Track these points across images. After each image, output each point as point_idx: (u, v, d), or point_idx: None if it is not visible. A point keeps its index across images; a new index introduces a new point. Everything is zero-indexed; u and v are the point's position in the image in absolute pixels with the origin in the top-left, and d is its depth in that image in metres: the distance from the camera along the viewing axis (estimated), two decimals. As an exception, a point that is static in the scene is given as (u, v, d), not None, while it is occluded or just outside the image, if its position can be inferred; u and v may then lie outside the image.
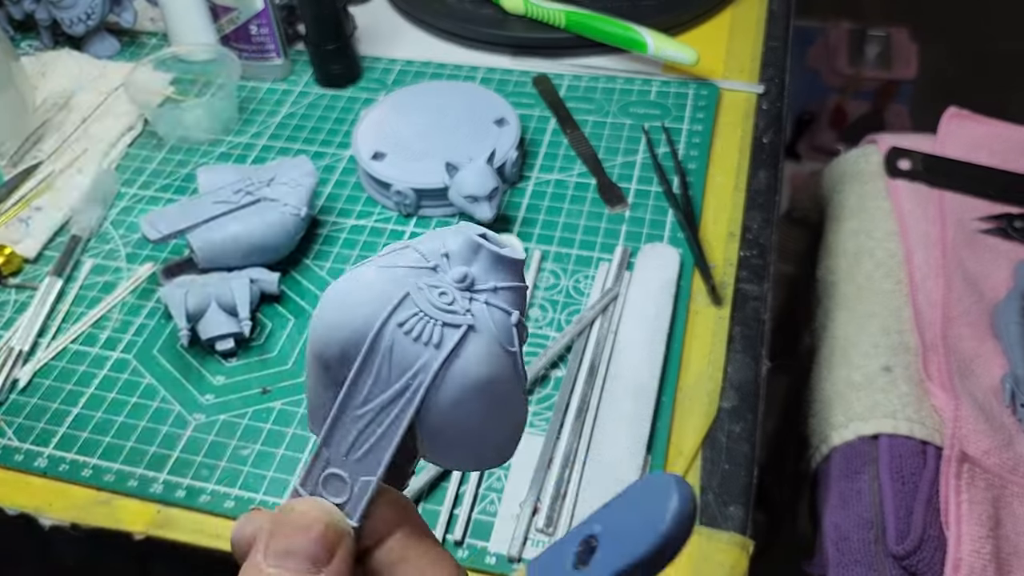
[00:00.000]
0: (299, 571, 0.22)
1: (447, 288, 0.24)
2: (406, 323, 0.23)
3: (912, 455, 0.51)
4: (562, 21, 0.71)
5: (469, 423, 0.24)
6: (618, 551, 0.17)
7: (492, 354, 0.24)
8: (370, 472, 0.24)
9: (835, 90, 1.42)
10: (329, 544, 0.23)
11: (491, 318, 0.24)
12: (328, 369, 0.24)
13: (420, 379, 0.23)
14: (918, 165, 0.67)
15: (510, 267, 0.25)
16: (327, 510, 0.23)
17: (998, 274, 0.61)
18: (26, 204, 0.62)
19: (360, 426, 0.24)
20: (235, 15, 0.68)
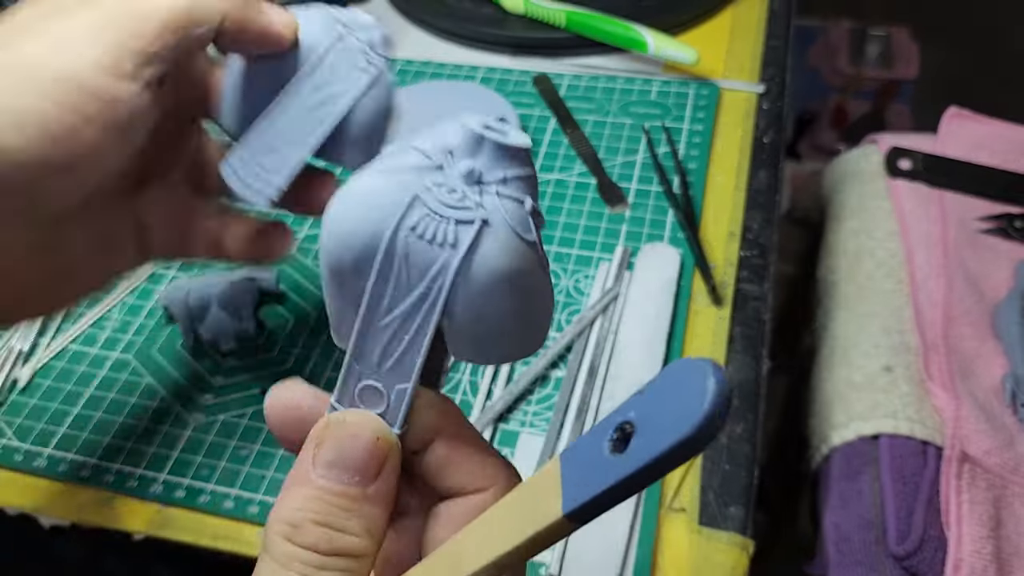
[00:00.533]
0: (349, 483, 0.22)
1: (455, 185, 0.23)
2: (418, 226, 0.22)
3: (913, 455, 0.51)
4: (562, 21, 0.71)
5: (496, 318, 0.23)
6: (656, 435, 0.17)
7: (510, 245, 0.23)
8: (404, 379, 0.24)
9: (836, 90, 1.42)
10: (379, 455, 0.23)
11: (504, 209, 0.23)
12: (344, 284, 0.24)
13: (440, 281, 0.23)
14: (919, 165, 0.67)
15: (517, 156, 0.24)
16: (376, 421, 0.23)
17: (999, 274, 0.61)
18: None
19: (387, 336, 0.23)
20: (235, 15, 0.68)
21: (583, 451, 0.19)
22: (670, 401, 0.17)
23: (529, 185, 0.24)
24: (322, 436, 0.23)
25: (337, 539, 0.22)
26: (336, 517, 0.22)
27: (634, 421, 0.18)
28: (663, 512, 0.43)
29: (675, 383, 0.17)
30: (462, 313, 0.23)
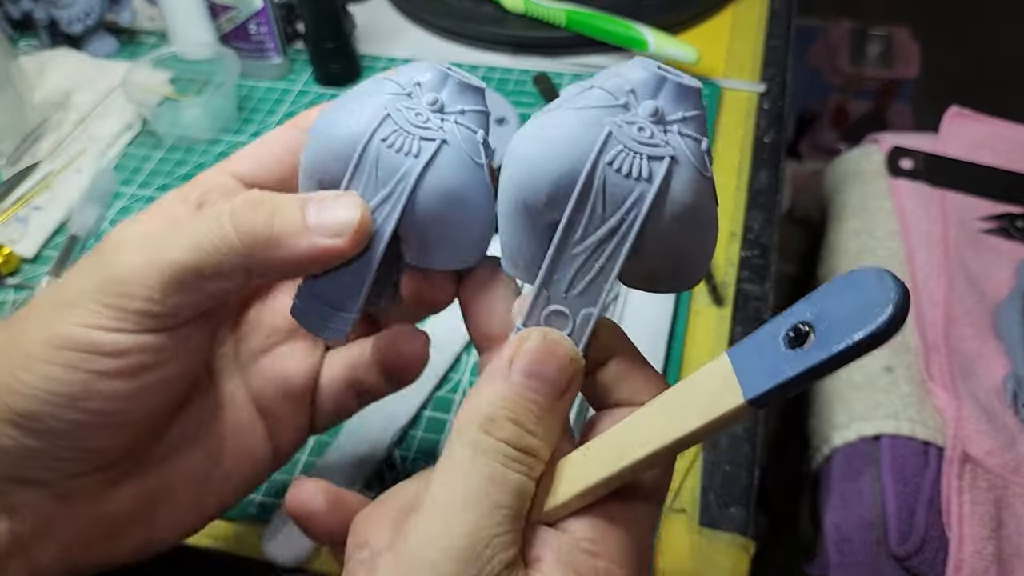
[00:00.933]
0: (545, 395, 0.24)
1: (643, 123, 0.24)
2: (614, 160, 0.24)
3: (914, 456, 0.51)
4: (562, 20, 0.71)
5: (678, 249, 0.25)
6: (839, 332, 0.18)
7: (695, 181, 0.24)
8: (591, 304, 0.25)
9: (836, 89, 1.42)
10: (572, 375, 0.25)
11: (686, 147, 0.25)
12: (534, 213, 0.25)
13: (635, 212, 0.24)
14: (920, 164, 0.67)
15: (692, 96, 0.25)
16: (571, 342, 0.25)
17: (1000, 274, 0.61)
18: (24, 203, 0.62)
19: (578, 263, 0.25)
20: (234, 14, 0.68)
21: (755, 349, 0.20)
22: (850, 302, 0.18)
23: (702, 125, 0.26)
24: (522, 346, 0.24)
25: (526, 438, 0.24)
26: (527, 419, 0.24)
27: (811, 321, 0.19)
28: (664, 513, 0.43)
29: (851, 288, 0.19)
30: (652, 242, 0.25)
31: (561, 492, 0.24)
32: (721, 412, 0.21)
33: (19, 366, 0.25)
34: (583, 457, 0.24)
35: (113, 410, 0.26)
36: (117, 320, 0.25)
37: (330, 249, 0.26)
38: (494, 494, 0.23)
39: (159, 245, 0.26)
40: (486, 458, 0.23)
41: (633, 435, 0.23)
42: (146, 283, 0.25)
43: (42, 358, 0.25)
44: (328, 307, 0.28)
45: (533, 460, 0.24)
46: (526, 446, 0.24)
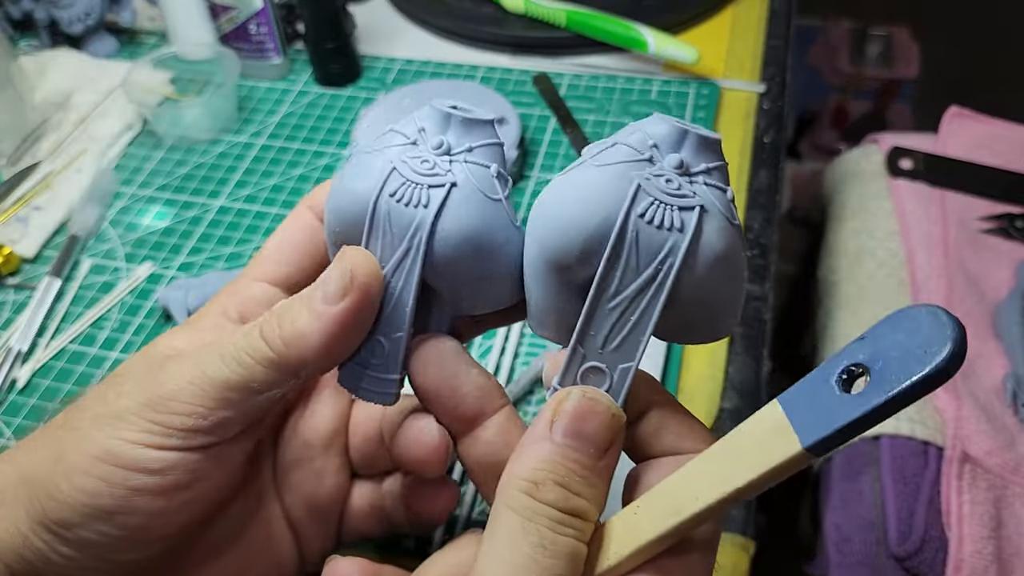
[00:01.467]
0: (589, 454, 0.24)
1: (670, 175, 0.25)
2: (646, 213, 0.24)
3: (914, 456, 0.51)
4: (562, 20, 0.71)
5: (713, 298, 0.25)
6: (896, 373, 0.18)
7: (725, 229, 0.25)
8: (629, 359, 0.25)
9: (836, 89, 1.42)
10: (613, 433, 0.24)
11: (714, 197, 0.25)
12: (564, 272, 0.25)
13: (670, 261, 0.24)
14: (919, 165, 0.67)
15: (714, 147, 0.26)
16: (610, 400, 0.25)
17: (1000, 274, 0.61)
18: (24, 203, 0.62)
19: (614, 318, 0.25)
20: (234, 14, 0.68)
21: (807, 394, 0.20)
22: (905, 343, 0.18)
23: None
24: (561, 406, 0.24)
25: (573, 500, 0.23)
26: (573, 480, 0.23)
27: (865, 363, 0.19)
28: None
29: (904, 327, 0.18)
30: (687, 291, 0.25)
31: (613, 553, 0.24)
32: (778, 462, 0.20)
33: (60, 473, 0.26)
34: (634, 515, 0.24)
35: (147, 525, 0.26)
36: (163, 437, 0.26)
37: (342, 314, 0.25)
38: (544, 560, 0.22)
39: (204, 362, 0.26)
40: (533, 524, 0.23)
41: (685, 489, 0.22)
42: (193, 400, 0.25)
43: (82, 469, 0.25)
44: (372, 372, 0.28)
45: (582, 522, 0.23)
46: (574, 508, 0.23)
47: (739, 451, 0.21)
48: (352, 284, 0.25)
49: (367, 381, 0.28)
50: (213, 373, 0.25)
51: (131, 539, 0.26)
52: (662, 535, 0.23)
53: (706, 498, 0.22)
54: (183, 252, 0.58)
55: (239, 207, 0.61)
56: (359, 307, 0.25)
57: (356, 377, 0.28)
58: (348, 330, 0.26)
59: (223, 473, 0.28)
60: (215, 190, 0.63)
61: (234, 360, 0.26)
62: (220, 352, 0.26)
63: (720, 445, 0.22)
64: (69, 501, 0.25)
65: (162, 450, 0.26)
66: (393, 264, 0.26)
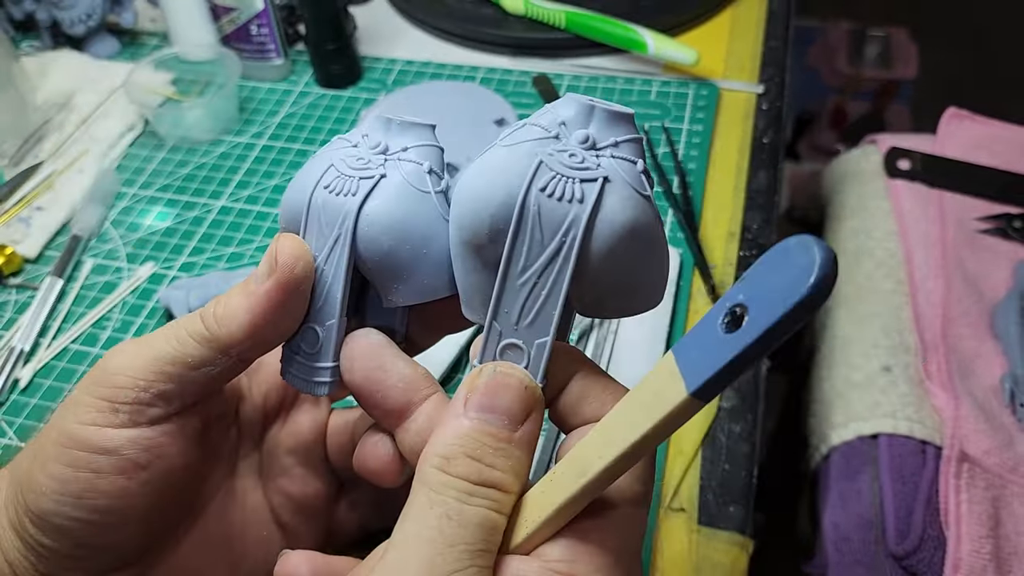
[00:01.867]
0: (501, 427, 0.24)
1: (574, 150, 0.25)
2: (547, 186, 0.24)
3: (912, 455, 0.51)
4: (562, 21, 0.71)
5: (623, 269, 0.25)
6: (769, 306, 0.18)
7: (631, 199, 0.25)
8: (543, 334, 0.25)
9: (835, 90, 1.42)
10: (527, 404, 0.25)
11: (620, 168, 0.25)
12: (480, 251, 0.26)
13: (572, 233, 0.24)
14: (918, 165, 0.67)
15: (624, 121, 0.26)
16: (524, 373, 0.25)
17: (998, 274, 0.61)
18: (27, 204, 0.62)
19: (525, 293, 0.25)
20: (235, 15, 0.68)
21: (695, 339, 0.20)
22: (778, 276, 0.18)
23: (639, 147, 0.26)
24: (474, 383, 0.25)
25: (486, 472, 0.24)
26: (485, 453, 0.24)
27: (744, 302, 0.19)
28: (662, 512, 0.43)
29: (778, 261, 0.18)
30: (593, 263, 0.25)
31: (530, 520, 0.24)
32: (667, 411, 0.20)
33: (37, 466, 0.27)
34: (550, 482, 0.24)
35: (115, 507, 0.27)
36: (111, 414, 0.26)
37: (266, 293, 0.26)
38: (448, 531, 0.23)
39: (147, 340, 0.27)
40: (440, 496, 0.23)
41: (591, 450, 0.22)
42: (134, 373, 0.26)
43: (52, 457, 0.26)
44: (308, 362, 0.28)
45: (497, 493, 0.24)
46: (486, 480, 0.24)
47: (636, 406, 0.21)
48: (276, 264, 0.26)
49: (301, 369, 0.28)
50: (153, 348, 0.27)
51: (101, 523, 0.27)
52: (571, 498, 0.23)
53: (608, 456, 0.22)
54: (185, 252, 0.58)
55: (240, 207, 0.61)
56: (283, 286, 0.26)
57: (292, 365, 0.29)
58: (274, 309, 0.26)
59: (176, 451, 0.28)
60: (216, 191, 0.63)
61: (173, 337, 0.27)
62: (164, 331, 0.27)
63: (622, 403, 0.22)
64: (44, 490, 0.26)
65: (112, 428, 0.26)
66: (325, 252, 0.27)
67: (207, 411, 0.30)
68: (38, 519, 0.26)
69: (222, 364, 0.27)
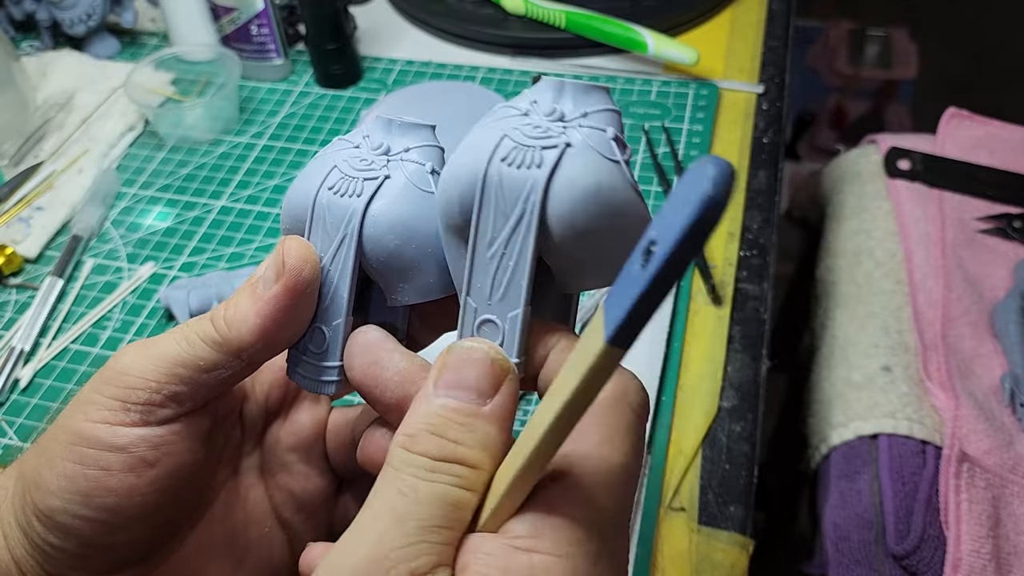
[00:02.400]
0: (467, 401, 0.24)
1: (539, 123, 0.25)
2: (508, 156, 0.24)
3: (912, 455, 0.51)
4: (562, 21, 0.71)
5: (591, 235, 0.25)
6: (669, 235, 0.17)
7: (594, 163, 0.24)
8: (514, 306, 0.25)
9: (835, 90, 1.42)
10: (494, 378, 0.24)
11: (587, 136, 0.25)
12: (458, 231, 0.26)
13: (532, 199, 0.24)
14: (918, 165, 0.67)
15: (596, 93, 0.25)
16: (492, 346, 0.25)
17: (997, 274, 0.61)
18: (27, 204, 0.62)
19: (494, 266, 0.25)
20: (235, 15, 0.68)
21: (618, 285, 0.19)
22: (679, 203, 0.17)
23: (612, 117, 0.25)
24: (443, 361, 0.24)
25: (448, 447, 0.23)
26: (450, 429, 0.23)
27: (654, 237, 0.18)
28: (663, 511, 0.43)
29: (681, 188, 0.17)
30: (556, 231, 0.24)
31: (493, 495, 0.23)
32: (588, 364, 0.19)
33: (43, 464, 0.27)
34: (511, 455, 0.23)
35: (123, 506, 0.27)
36: (122, 413, 0.27)
37: (275, 297, 0.26)
38: (401, 507, 0.22)
39: (157, 341, 0.27)
40: (398, 473, 0.23)
41: (540, 416, 0.22)
42: (146, 375, 0.27)
43: (60, 456, 0.26)
44: (315, 362, 0.28)
45: (462, 468, 0.23)
46: (448, 455, 0.23)
47: (570, 365, 0.21)
48: (284, 268, 0.26)
49: (309, 370, 0.29)
50: (164, 349, 0.27)
51: (109, 522, 0.27)
52: (524, 467, 0.22)
53: (548, 417, 0.21)
54: (185, 252, 0.58)
55: (240, 207, 0.61)
56: (291, 290, 0.26)
57: (299, 366, 0.29)
58: (283, 312, 0.26)
59: (185, 449, 0.28)
60: (217, 191, 0.63)
61: (184, 339, 0.27)
62: (174, 333, 0.27)
63: (565, 363, 0.21)
64: (52, 488, 0.26)
65: (123, 426, 0.27)
66: (331, 253, 0.27)
67: (215, 411, 0.30)
68: (46, 517, 0.26)
69: (233, 367, 0.27)
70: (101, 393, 0.27)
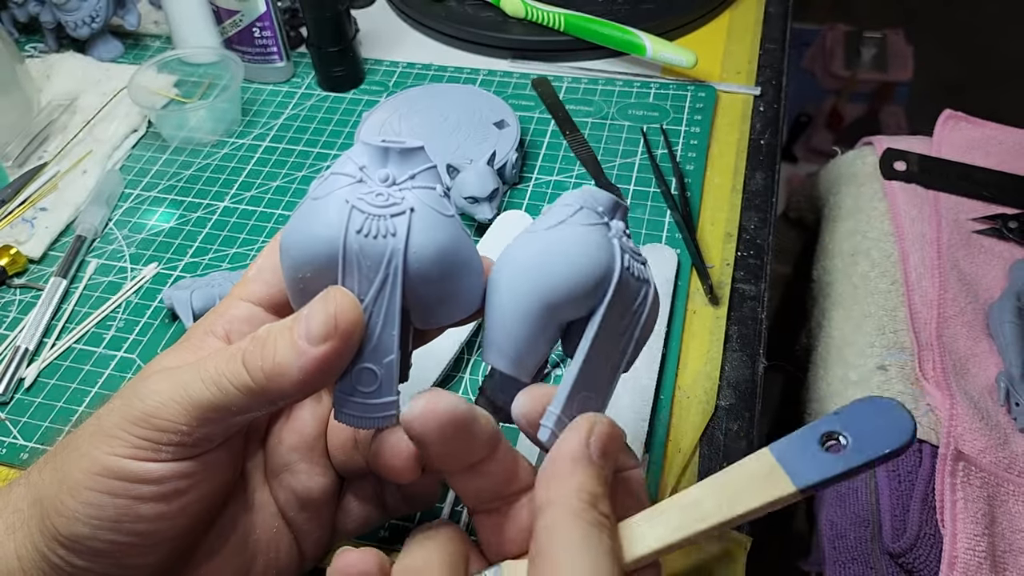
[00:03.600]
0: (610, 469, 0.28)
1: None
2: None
3: (908, 453, 0.52)
4: (561, 24, 0.72)
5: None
6: (868, 445, 0.25)
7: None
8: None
9: (831, 92, 1.43)
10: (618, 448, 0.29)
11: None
12: (557, 313, 0.29)
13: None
14: (913, 166, 0.68)
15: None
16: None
17: (992, 274, 0.61)
18: (31, 204, 0.63)
19: (605, 351, 0.29)
20: (238, 18, 0.68)
21: (794, 448, 0.26)
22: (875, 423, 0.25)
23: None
24: (594, 431, 0.28)
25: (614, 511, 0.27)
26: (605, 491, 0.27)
27: (844, 433, 0.26)
28: (662, 508, 0.44)
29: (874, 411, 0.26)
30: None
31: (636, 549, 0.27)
32: (775, 496, 0.26)
33: (65, 492, 0.27)
34: (647, 524, 0.28)
35: (152, 530, 0.28)
36: (151, 451, 0.27)
37: (323, 355, 0.27)
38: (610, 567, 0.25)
39: (187, 382, 0.27)
40: (604, 535, 0.26)
41: (691, 510, 0.27)
42: (175, 418, 0.27)
43: (85, 485, 0.27)
44: (368, 400, 0.29)
45: None
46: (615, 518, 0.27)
47: (738, 486, 0.26)
48: (336, 330, 0.27)
49: (360, 409, 0.29)
50: (194, 394, 0.27)
51: (140, 544, 0.28)
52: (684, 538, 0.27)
53: (710, 520, 0.26)
54: (188, 253, 0.59)
55: (243, 208, 0.62)
56: (340, 351, 0.27)
57: (347, 406, 0.29)
58: (328, 369, 0.27)
59: (217, 474, 0.29)
60: (219, 192, 0.64)
61: (215, 384, 0.27)
62: (202, 374, 0.27)
63: (720, 478, 0.27)
64: (77, 516, 0.27)
65: (153, 462, 0.27)
66: (373, 295, 0.28)
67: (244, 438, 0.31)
68: (72, 543, 0.27)
69: (263, 410, 0.28)
70: (128, 432, 0.27)
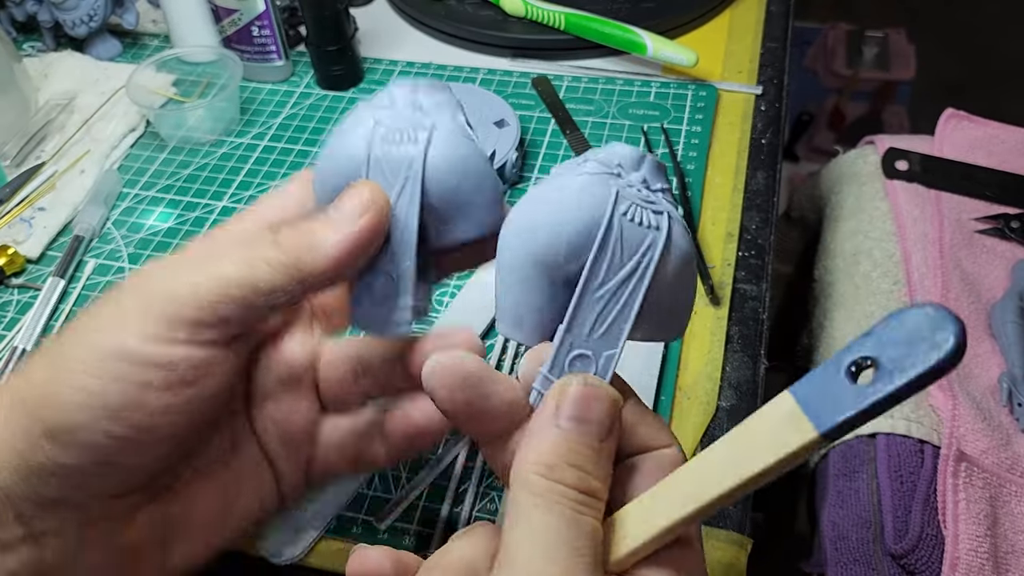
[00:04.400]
0: (595, 437, 0.25)
1: (637, 186, 0.29)
2: (628, 212, 0.28)
3: (910, 454, 0.52)
4: (562, 23, 0.71)
5: (678, 294, 0.29)
6: (899, 368, 0.20)
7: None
8: (612, 346, 0.28)
9: (833, 91, 1.43)
10: (614, 417, 0.26)
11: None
12: (551, 270, 0.28)
13: (650, 255, 0.28)
14: (915, 166, 0.68)
15: (664, 171, 0.30)
16: (612, 388, 0.26)
17: (995, 274, 0.61)
18: (29, 204, 0.62)
19: (600, 307, 0.28)
20: (237, 16, 0.68)
21: (817, 385, 0.22)
22: (910, 338, 0.20)
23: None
24: (565, 392, 0.25)
25: (588, 480, 0.24)
26: (585, 462, 0.24)
27: (873, 356, 0.20)
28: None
29: (910, 324, 0.20)
30: (661, 283, 0.28)
31: (630, 538, 0.24)
32: (796, 447, 0.21)
33: (59, 382, 0.26)
34: (651, 502, 0.25)
35: (154, 424, 0.27)
36: (169, 330, 0.26)
37: (360, 230, 0.27)
38: (573, 541, 0.23)
39: (210, 262, 0.27)
40: (559, 506, 0.23)
41: (703, 476, 0.23)
42: (198, 295, 0.26)
43: (84, 371, 0.26)
44: (383, 306, 0.30)
45: (596, 501, 0.24)
46: (588, 488, 0.24)
47: (754, 439, 0.22)
48: (371, 204, 0.27)
49: (376, 314, 0.30)
50: (220, 269, 0.27)
51: (135, 440, 0.26)
52: (680, 520, 0.24)
53: (725, 483, 0.22)
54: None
55: (242, 208, 0.62)
56: (376, 226, 0.27)
57: (367, 312, 0.30)
58: (362, 248, 0.27)
59: (223, 373, 0.28)
60: (218, 191, 0.63)
61: (242, 261, 0.27)
62: (229, 253, 0.27)
63: (734, 435, 0.23)
64: (73, 403, 0.26)
65: (168, 344, 0.26)
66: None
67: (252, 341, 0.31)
68: (63, 434, 0.26)
69: (289, 293, 0.27)
70: (144, 308, 0.26)
